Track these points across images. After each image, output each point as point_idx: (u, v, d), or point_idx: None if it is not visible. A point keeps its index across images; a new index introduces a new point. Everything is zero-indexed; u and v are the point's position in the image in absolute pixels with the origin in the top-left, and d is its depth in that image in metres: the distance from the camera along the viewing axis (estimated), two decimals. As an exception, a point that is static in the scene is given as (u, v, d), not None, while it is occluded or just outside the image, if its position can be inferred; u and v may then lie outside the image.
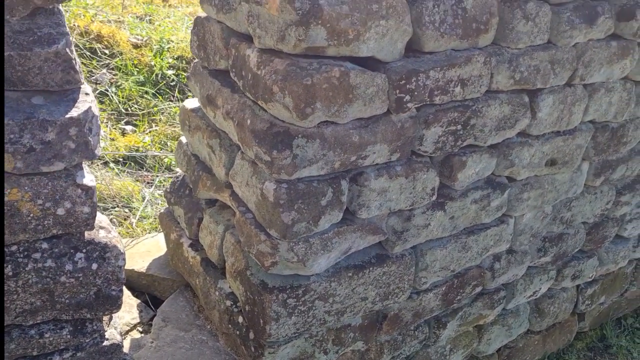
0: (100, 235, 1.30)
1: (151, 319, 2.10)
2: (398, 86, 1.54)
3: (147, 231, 2.78)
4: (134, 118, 3.52)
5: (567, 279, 2.54)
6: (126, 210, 2.91)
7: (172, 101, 3.70)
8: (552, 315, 2.63)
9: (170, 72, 3.85)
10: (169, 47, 4.04)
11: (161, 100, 3.67)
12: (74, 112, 1.11)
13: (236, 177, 1.71)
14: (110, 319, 1.50)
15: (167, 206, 2.26)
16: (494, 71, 1.74)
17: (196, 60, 1.92)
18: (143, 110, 3.57)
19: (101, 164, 3.12)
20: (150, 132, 3.45)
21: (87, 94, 1.17)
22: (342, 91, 1.45)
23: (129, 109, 3.55)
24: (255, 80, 1.52)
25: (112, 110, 3.48)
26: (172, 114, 3.59)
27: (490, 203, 1.98)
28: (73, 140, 1.12)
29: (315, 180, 1.56)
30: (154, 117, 3.54)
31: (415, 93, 1.58)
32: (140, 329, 2.09)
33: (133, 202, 2.96)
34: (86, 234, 1.29)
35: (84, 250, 1.28)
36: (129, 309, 2.14)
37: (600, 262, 2.65)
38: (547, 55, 1.83)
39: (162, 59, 3.91)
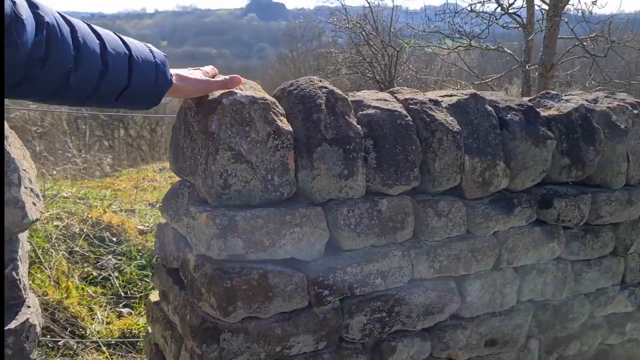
0: None
1: None
2: (316, 283, 1.75)
3: (128, 417, 2.87)
4: (132, 301, 3.76)
5: None
6: (111, 395, 3.03)
7: (169, 283, 3.96)
8: None
9: (170, 255, 4.16)
10: (172, 232, 4.40)
11: (159, 283, 3.93)
12: (12, 324, 1.34)
13: (181, 367, 1.88)
14: None
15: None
16: (414, 262, 1.95)
17: (158, 259, 2.19)
18: (141, 292, 3.82)
19: (94, 347, 3.30)
20: (145, 314, 3.66)
21: (29, 306, 1.41)
22: (261, 291, 1.67)
23: (128, 292, 3.82)
24: (192, 281, 1.75)
25: (112, 295, 3.74)
26: (168, 295, 3.83)
27: (432, 385, 2.07)
28: (10, 347, 1.34)
29: (243, 370, 1.71)
30: (150, 300, 3.78)
31: (334, 287, 1.78)
32: None
33: (119, 386, 3.08)
34: None
35: None
36: None
37: None
38: (465, 245, 2.04)
39: (164, 244, 4.25)
